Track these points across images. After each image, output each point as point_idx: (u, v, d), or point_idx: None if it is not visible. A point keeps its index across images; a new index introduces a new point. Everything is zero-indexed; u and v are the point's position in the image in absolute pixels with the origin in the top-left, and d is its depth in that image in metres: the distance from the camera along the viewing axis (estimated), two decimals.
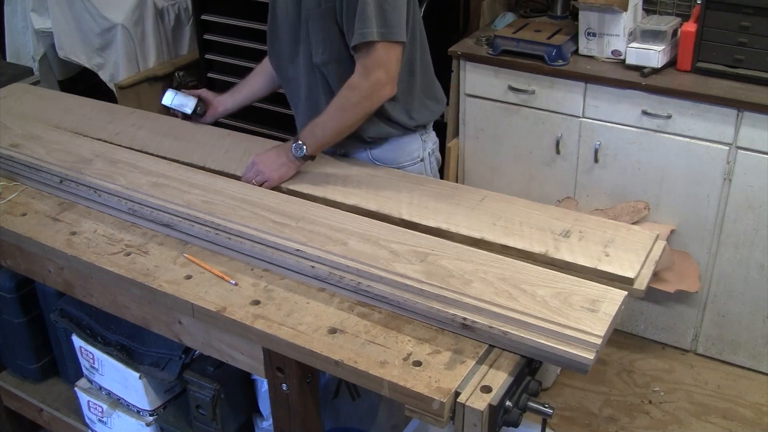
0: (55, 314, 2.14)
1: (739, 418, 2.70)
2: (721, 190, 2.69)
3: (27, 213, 1.97)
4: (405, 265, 1.59)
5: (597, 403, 2.77)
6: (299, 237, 1.70)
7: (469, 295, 1.50)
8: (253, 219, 1.77)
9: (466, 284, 1.53)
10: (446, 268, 1.58)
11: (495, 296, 1.49)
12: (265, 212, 1.80)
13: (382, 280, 1.57)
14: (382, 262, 1.61)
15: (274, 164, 1.95)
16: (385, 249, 1.65)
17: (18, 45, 3.85)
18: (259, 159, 1.97)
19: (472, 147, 3.13)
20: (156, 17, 3.64)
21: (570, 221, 1.78)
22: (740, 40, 2.58)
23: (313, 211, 1.81)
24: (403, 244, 1.67)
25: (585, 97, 2.81)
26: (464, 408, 1.36)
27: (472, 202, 1.87)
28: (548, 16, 3.15)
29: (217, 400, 1.88)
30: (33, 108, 2.44)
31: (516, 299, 1.49)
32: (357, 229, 1.73)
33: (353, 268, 1.60)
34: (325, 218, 1.77)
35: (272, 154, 1.97)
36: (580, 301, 1.48)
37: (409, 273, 1.57)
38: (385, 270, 1.58)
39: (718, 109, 2.58)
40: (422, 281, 1.54)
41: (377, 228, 1.73)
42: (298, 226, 1.74)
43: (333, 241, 1.68)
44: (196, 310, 1.63)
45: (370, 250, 1.64)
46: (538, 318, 1.43)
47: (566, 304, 1.47)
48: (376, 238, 1.69)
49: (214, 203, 1.84)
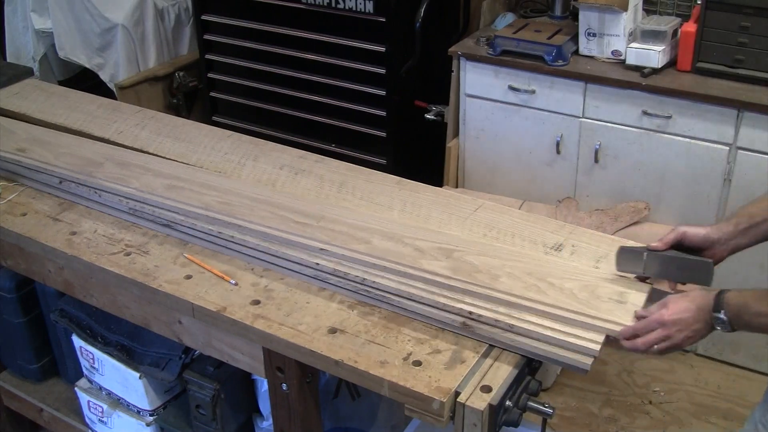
0: (55, 314, 2.14)
1: (739, 418, 2.70)
2: (721, 190, 2.69)
3: (27, 213, 1.97)
4: (431, 262, 1.59)
5: (597, 403, 2.77)
6: (322, 236, 1.69)
7: (499, 290, 1.51)
8: (273, 219, 1.76)
9: (494, 279, 1.54)
10: (472, 263, 1.59)
11: (524, 290, 1.51)
12: (285, 212, 1.78)
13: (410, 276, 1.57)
14: (408, 259, 1.60)
15: (689, 329, 1.45)
16: (410, 246, 1.65)
17: (18, 45, 3.85)
18: (670, 320, 1.44)
19: (473, 147, 3.13)
20: (156, 17, 3.64)
21: (564, 234, 1.76)
22: (740, 40, 2.58)
23: (333, 210, 1.80)
24: (427, 241, 1.66)
25: (585, 98, 2.81)
26: (464, 408, 1.36)
27: (466, 211, 1.85)
28: (548, 17, 3.15)
29: (217, 400, 1.88)
30: (41, 104, 2.43)
31: (545, 293, 1.50)
32: (379, 227, 1.72)
33: (379, 265, 1.60)
34: (344, 217, 1.76)
35: (689, 318, 1.45)
36: (608, 293, 1.50)
37: (435, 269, 1.57)
38: (411, 267, 1.58)
39: (718, 109, 2.58)
40: (450, 277, 1.55)
41: (399, 226, 1.73)
42: (320, 225, 1.73)
43: (356, 239, 1.68)
44: (196, 310, 1.63)
45: (394, 248, 1.64)
46: (570, 311, 1.45)
47: (594, 296, 1.49)
48: (399, 236, 1.69)
49: (233, 204, 1.82)
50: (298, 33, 3.26)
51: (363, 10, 3.04)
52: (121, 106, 2.48)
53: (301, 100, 3.39)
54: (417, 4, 3.02)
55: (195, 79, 3.73)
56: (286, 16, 3.25)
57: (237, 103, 3.62)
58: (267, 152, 2.13)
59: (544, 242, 1.73)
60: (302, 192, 1.94)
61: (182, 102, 3.75)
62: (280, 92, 3.44)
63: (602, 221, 2.82)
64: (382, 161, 3.26)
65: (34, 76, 2.91)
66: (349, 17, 3.09)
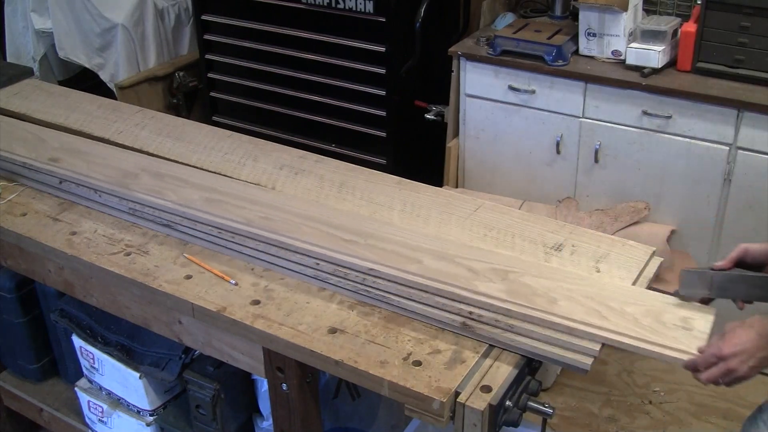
0: (55, 314, 2.14)
1: (739, 418, 2.69)
2: (721, 190, 2.69)
3: (27, 213, 1.97)
4: (487, 284, 1.52)
5: (597, 403, 2.77)
6: (371, 255, 1.62)
7: (559, 315, 1.44)
8: (320, 236, 1.69)
9: (552, 303, 1.47)
10: (529, 285, 1.52)
11: (585, 315, 1.43)
12: (331, 229, 1.71)
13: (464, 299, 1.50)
14: (461, 280, 1.53)
15: (753, 359, 1.33)
16: (463, 267, 1.58)
17: (18, 45, 3.85)
18: (729, 352, 1.34)
19: (473, 147, 3.13)
20: (156, 17, 3.64)
21: (564, 234, 1.75)
22: (740, 40, 2.58)
23: (379, 228, 1.73)
24: (480, 261, 1.59)
25: (585, 98, 2.81)
26: (464, 408, 1.36)
27: (466, 211, 1.85)
28: (548, 17, 3.15)
29: (217, 400, 1.88)
30: (41, 104, 2.43)
31: (607, 318, 1.43)
32: (429, 245, 1.65)
33: (432, 287, 1.53)
34: (392, 234, 1.70)
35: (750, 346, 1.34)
36: (672, 319, 1.43)
37: (491, 292, 1.50)
38: (465, 289, 1.51)
39: (718, 109, 2.58)
40: (507, 300, 1.48)
41: (450, 245, 1.66)
42: (368, 243, 1.67)
43: (407, 259, 1.61)
44: (196, 310, 1.63)
45: (447, 268, 1.57)
46: (633, 338, 1.39)
47: (659, 322, 1.42)
48: (451, 255, 1.62)
49: (275, 220, 1.75)
50: (298, 33, 3.26)
51: (363, 10, 3.04)
52: (121, 106, 2.48)
53: (301, 100, 3.39)
54: (417, 4, 3.02)
55: (195, 79, 3.73)
56: (286, 16, 3.25)
57: (237, 103, 3.62)
58: (267, 152, 2.13)
59: (544, 242, 1.73)
60: (302, 192, 1.94)
61: (182, 102, 3.75)
62: (280, 92, 3.44)
63: (602, 221, 2.82)
64: (382, 161, 3.26)
65: (34, 76, 2.91)
66: (349, 17, 3.09)
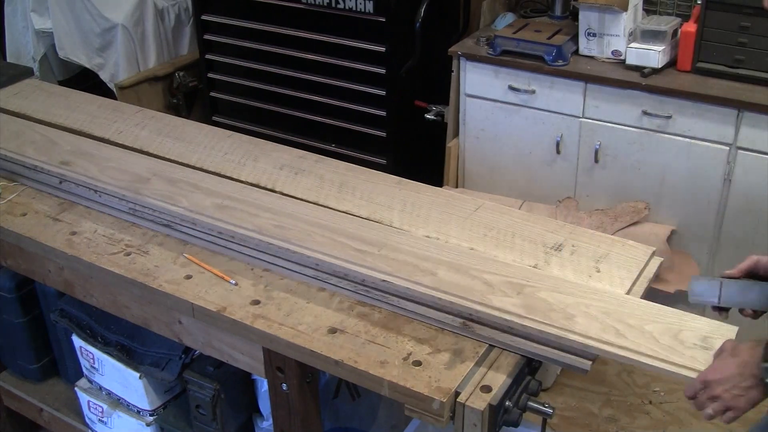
0: (55, 314, 2.14)
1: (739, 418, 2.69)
2: (721, 190, 2.69)
3: (27, 213, 1.97)
4: (501, 298, 1.50)
5: (597, 403, 2.77)
6: (384, 266, 1.60)
7: (575, 332, 1.41)
8: (332, 246, 1.67)
9: (569, 319, 1.44)
10: (546, 301, 1.49)
11: (602, 332, 1.40)
12: (344, 238, 1.69)
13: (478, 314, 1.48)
14: (476, 294, 1.51)
15: (737, 388, 1.34)
16: (478, 280, 1.55)
17: (18, 45, 3.85)
18: (713, 379, 1.34)
19: (473, 147, 3.13)
20: (156, 17, 3.64)
21: (564, 234, 1.75)
22: (740, 40, 2.58)
23: (394, 238, 1.70)
24: (496, 274, 1.57)
25: (585, 98, 2.81)
26: (464, 408, 1.36)
27: (466, 211, 1.84)
28: (548, 17, 3.15)
29: (217, 400, 1.88)
30: (41, 104, 2.43)
31: (624, 336, 1.40)
32: (445, 257, 1.63)
33: (446, 300, 1.50)
34: (408, 245, 1.67)
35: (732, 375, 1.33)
36: (691, 337, 1.41)
37: (507, 307, 1.47)
38: (480, 303, 1.48)
39: (718, 109, 2.58)
40: (523, 316, 1.45)
41: (466, 256, 1.64)
42: (381, 253, 1.64)
43: (421, 270, 1.58)
44: (196, 310, 1.63)
45: (462, 281, 1.55)
46: (650, 357, 1.37)
47: (677, 341, 1.40)
48: (466, 267, 1.59)
49: (287, 228, 1.73)
50: (298, 33, 3.26)
51: (363, 10, 3.04)
52: (121, 106, 2.48)
53: (301, 100, 3.39)
54: (417, 4, 3.02)
55: (195, 79, 3.73)
56: (286, 16, 3.25)
57: (237, 103, 3.62)
58: (267, 152, 2.13)
59: (544, 242, 1.72)
60: (302, 192, 1.94)
61: (182, 102, 3.75)
62: (280, 92, 3.44)
63: (602, 221, 2.82)
64: (382, 161, 3.26)
65: (34, 76, 2.91)
66: (349, 17, 3.09)
